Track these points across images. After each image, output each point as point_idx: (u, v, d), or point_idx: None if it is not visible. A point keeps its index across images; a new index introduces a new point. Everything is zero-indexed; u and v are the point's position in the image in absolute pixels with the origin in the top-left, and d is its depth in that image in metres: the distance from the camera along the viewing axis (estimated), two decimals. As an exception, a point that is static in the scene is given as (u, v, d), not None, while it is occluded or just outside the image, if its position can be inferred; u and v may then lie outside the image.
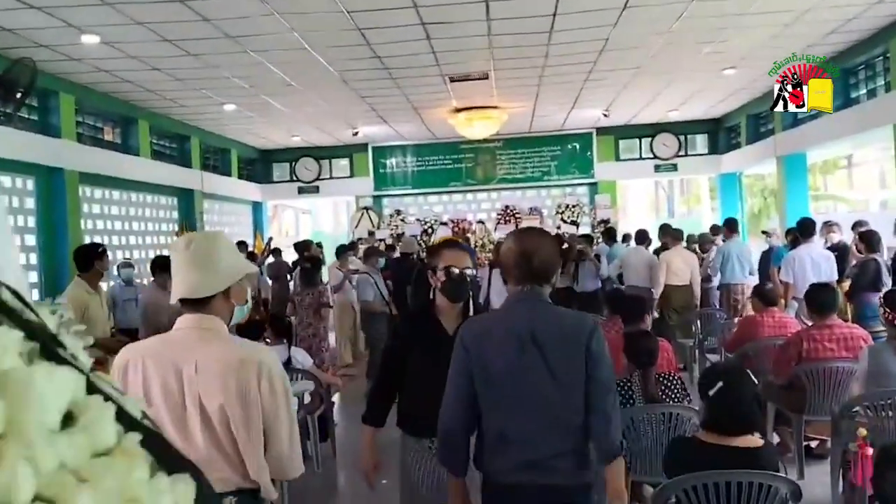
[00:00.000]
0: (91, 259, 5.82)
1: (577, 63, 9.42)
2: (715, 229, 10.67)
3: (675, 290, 9.03)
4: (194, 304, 2.13)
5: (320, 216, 28.15)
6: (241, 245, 10.62)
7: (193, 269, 2.10)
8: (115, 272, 9.10)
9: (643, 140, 15.36)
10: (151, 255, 11.46)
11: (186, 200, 12.39)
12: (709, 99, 12.74)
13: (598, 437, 2.23)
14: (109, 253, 10.53)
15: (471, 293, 2.93)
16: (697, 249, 9.60)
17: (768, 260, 10.07)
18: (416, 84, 10.08)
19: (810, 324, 6.42)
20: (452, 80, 9.87)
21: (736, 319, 7.58)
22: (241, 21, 7.01)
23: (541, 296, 2.29)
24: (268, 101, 10.73)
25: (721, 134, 15.04)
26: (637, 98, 12.13)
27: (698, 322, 8.28)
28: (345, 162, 16.01)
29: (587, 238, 10.98)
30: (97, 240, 10.12)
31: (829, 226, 9.68)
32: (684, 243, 9.93)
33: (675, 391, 4.02)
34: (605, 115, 13.31)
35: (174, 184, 11.93)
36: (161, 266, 6.16)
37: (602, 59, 9.26)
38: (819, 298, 4.92)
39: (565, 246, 9.71)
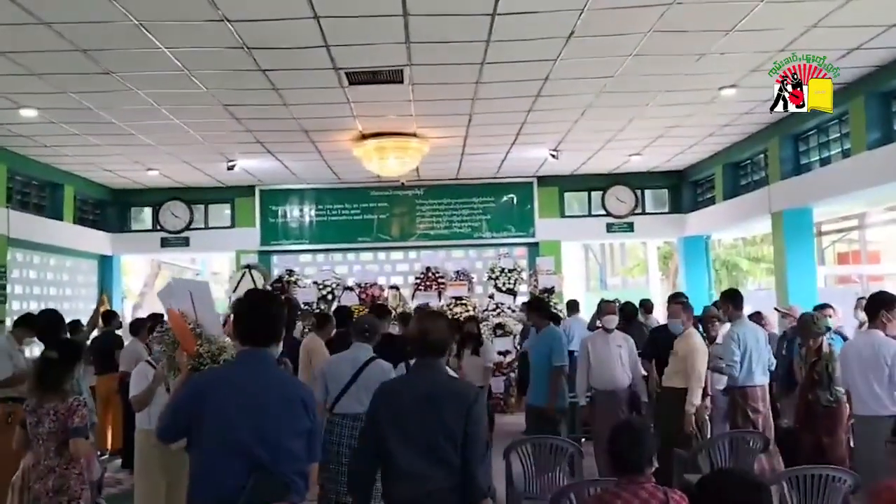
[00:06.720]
0: None
1: (531, 60, 6.57)
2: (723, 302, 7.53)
3: (673, 396, 6.15)
4: None
5: (215, 278, 24.37)
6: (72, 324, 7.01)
7: None
8: None
9: (593, 194, 12.75)
10: None
11: (-22, 248, 8.81)
12: (682, 140, 10.15)
13: (468, 481, 2.85)
14: None
15: None
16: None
17: (788, 349, 7.24)
18: (300, 85, 7.00)
19: None
20: (352, 79, 6.84)
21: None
22: None
23: (437, 364, 3.08)
24: (86, 106, 7.44)
25: (685, 189, 12.54)
26: (596, 131, 9.43)
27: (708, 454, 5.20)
28: (226, 209, 12.75)
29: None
30: None
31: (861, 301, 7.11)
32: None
33: None
34: (554, 157, 10.55)
35: (-45, 224, 8.37)
36: None
37: (564, 60, 6.47)
38: None
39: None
